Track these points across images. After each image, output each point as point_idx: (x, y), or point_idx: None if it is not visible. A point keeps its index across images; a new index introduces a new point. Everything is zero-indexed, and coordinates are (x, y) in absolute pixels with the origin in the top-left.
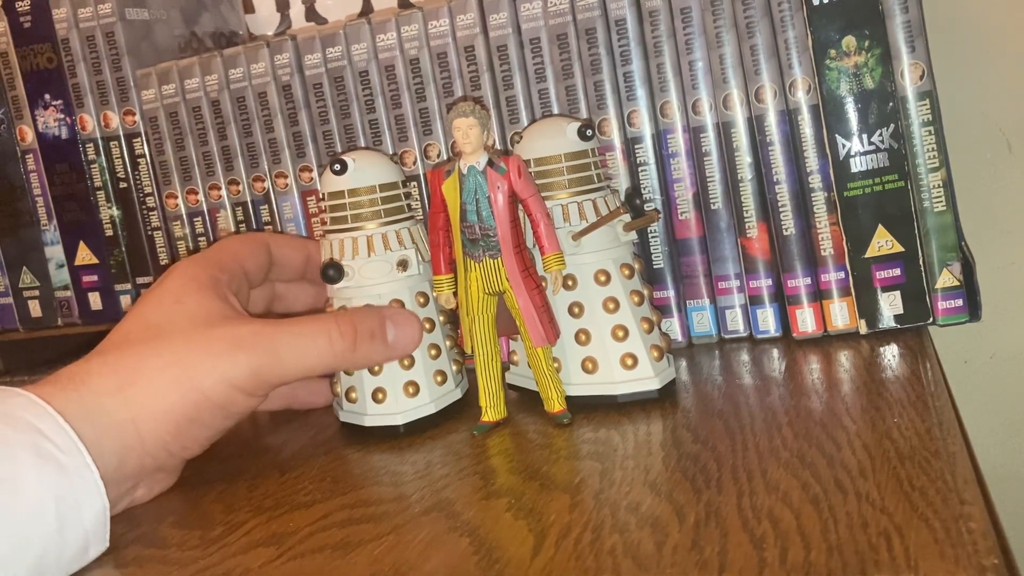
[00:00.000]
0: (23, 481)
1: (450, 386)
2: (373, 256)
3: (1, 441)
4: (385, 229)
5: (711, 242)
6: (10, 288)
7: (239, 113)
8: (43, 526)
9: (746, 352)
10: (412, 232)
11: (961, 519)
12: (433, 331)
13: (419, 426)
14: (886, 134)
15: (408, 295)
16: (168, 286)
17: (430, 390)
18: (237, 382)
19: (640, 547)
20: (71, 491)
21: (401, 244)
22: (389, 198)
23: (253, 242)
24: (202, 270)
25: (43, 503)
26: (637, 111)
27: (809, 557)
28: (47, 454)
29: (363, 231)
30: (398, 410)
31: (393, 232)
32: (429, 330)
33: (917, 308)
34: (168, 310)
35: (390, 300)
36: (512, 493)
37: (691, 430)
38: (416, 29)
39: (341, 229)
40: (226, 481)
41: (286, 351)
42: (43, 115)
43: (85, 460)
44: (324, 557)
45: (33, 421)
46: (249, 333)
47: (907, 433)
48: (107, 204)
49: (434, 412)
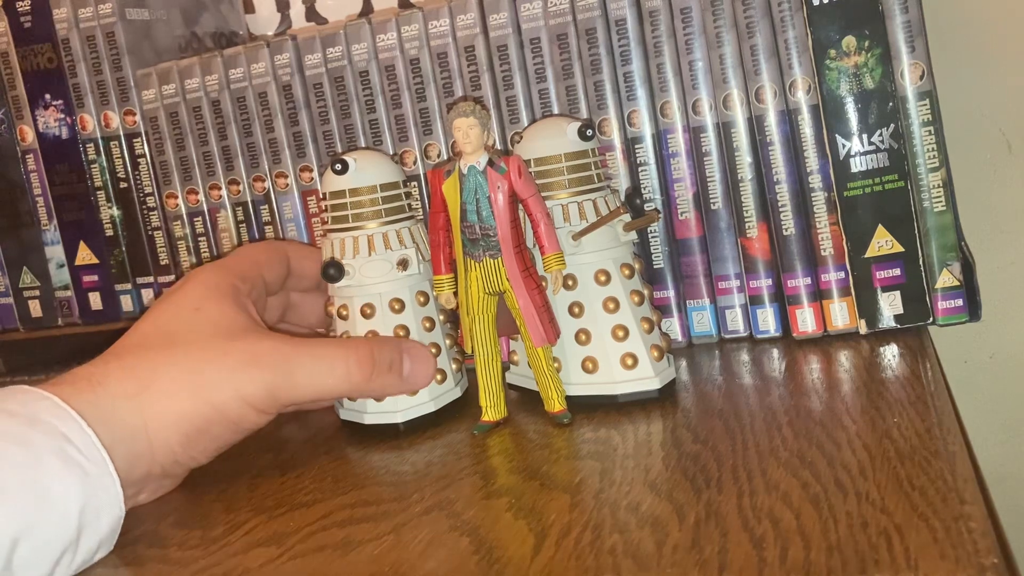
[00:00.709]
0: (50, 488)
1: (449, 385)
2: (374, 255)
3: (28, 445)
4: (386, 228)
5: (711, 242)
6: (10, 288)
7: (239, 113)
8: (65, 532)
9: (746, 352)
10: (412, 231)
11: (961, 519)
12: (433, 330)
13: (419, 424)
14: (886, 134)
15: (408, 294)
16: (188, 292)
17: (430, 388)
18: (250, 398)
19: (640, 547)
20: (94, 499)
21: (402, 243)
22: (390, 198)
23: (273, 251)
24: (223, 278)
25: (68, 511)
26: (637, 111)
27: (809, 557)
28: (72, 460)
29: (364, 230)
30: (397, 408)
31: (394, 231)
32: (429, 329)
33: (917, 308)
34: (187, 317)
35: (390, 299)
36: (512, 493)
37: (691, 430)
38: (416, 29)
39: (342, 228)
40: (226, 481)
41: (302, 373)
42: (43, 115)
43: (108, 469)
44: (324, 557)
45: (58, 425)
46: (268, 350)
47: (907, 433)
48: (107, 204)
49: (433, 410)
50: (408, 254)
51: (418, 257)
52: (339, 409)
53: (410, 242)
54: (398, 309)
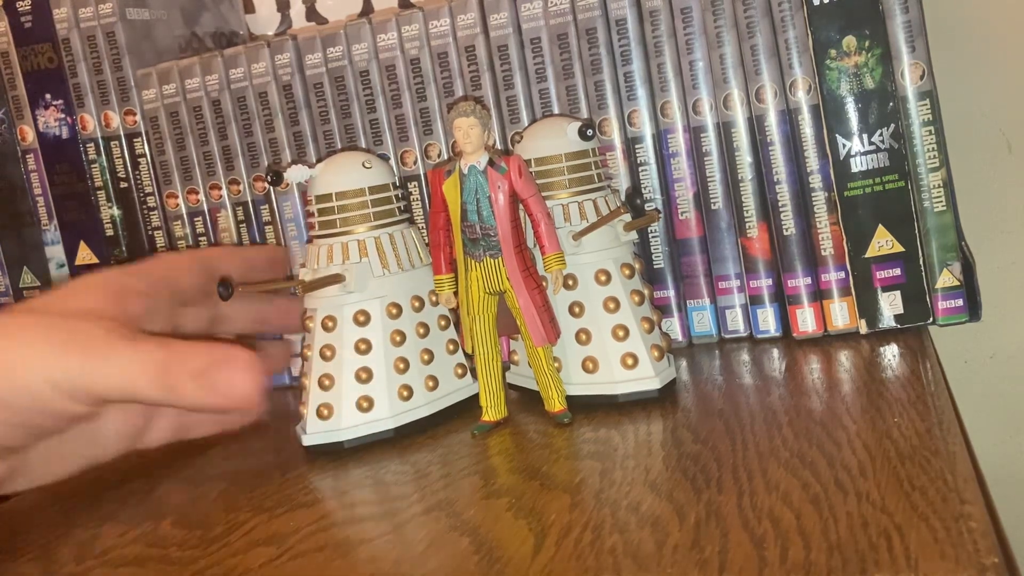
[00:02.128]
0: None
1: (441, 392)
2: (366, 261)
3: None
4: (378, 233)
5: (711, 242)
6: (10, 288)
7: (240, 113)
8: None
9: (746, 352)
10: (405, 236)
11: (961, 519)
12: (427, 336)
13: (409, 430)
14: (886, 134)
15: (404, 299)
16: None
17: (423, 394)
18: (52, 377)
19: (640, 547)
20: None
21: (394, 248)
22: (379, 201)
23: (195, 260)
24: (118, 274)
25: None
26: (637, 111)
27: (809, 557)
28: None
29: (353, 235)
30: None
31: (386, 236)
32: (423, 335)
33: (917, 308)
34: (55, 297)
35: (387, 305)
36: (512, 493)
37: (691, 430)
38: (417, 29)
39: (331, 234)
40: (226, 480)
41: (114, 368)
42: (44, 115)
43: None
44: (324, 557)
45: None
46: (96, 336)
47: (907, 433)
48: (107, 204)
49: (428, 414)
50: (403, 259)
51: (410, 262)
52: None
53: (403, 246)
54: (395, 315)
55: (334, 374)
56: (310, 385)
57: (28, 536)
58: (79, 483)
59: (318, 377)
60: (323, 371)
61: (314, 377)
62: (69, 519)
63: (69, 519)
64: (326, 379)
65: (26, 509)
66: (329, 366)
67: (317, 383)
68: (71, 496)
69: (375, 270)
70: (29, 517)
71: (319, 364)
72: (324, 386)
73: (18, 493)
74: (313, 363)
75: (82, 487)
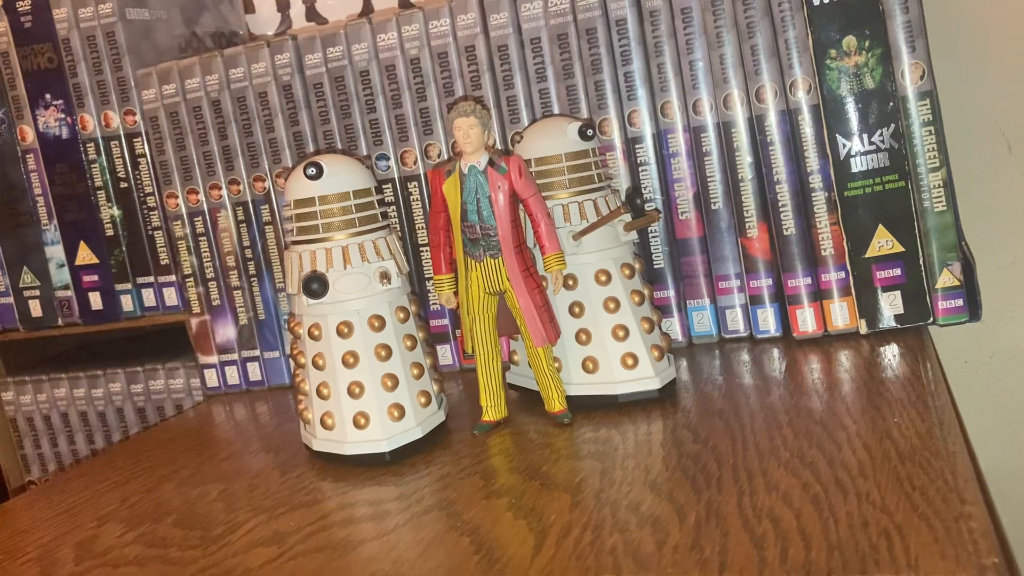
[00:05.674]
0: None
1: (433, 408)
2: (349, 268)
3: None
4: (361, 239)
5: (711, 242)
6: (10, 288)
7: (239, 113)
8: None
9: (746, 352)
10: (388, 242)
11: (961, 519)
12: (414, 349)
13: (405, 451)
14: (886, 134)
15: (388, 310)
16: None
17: (415, 412)
18: None
19: (641, 546)
20: None
21: (379, 255)
22: (363, 206)
23: None
24: None
25: None
26: (638, 111)
27: (810, 556)
28: None
29: (335, 241)
30: (383, 436)
31: (370, 242)
32: (411, 348)
33: (917, 308)
34: None
35: (368, 316)
36: (512, 493)
37: (691, 430)
38: (417, 29)
39: (311, 240)
40: (226, 481)
41: None
42: (44, 115)
43: None
44: (324, 557)
45: None
46: None
47: (907, 433)
48: (107, 204)
49: (421, 436)
50: (387, 266)
51: (396, 270)
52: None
53: (387, 253)
54: (378, 327)
55: (330, 383)
56: (311, 391)
57: (28, 536)
58: (79, 483)
59: (316, 386)
60: (320, 380)
61: (313, 384)
62: (69, 519)
63: (69, 519)
64: (324, 388)
65: (26, 509)
66: (324, 375)
67: (316, 393)
68: (71, 496)
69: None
70: (29, 517)
71: (315, 373)
72: (323, 395)
73: (18, 493)
74: (309, 371)
75: (82, 487)
